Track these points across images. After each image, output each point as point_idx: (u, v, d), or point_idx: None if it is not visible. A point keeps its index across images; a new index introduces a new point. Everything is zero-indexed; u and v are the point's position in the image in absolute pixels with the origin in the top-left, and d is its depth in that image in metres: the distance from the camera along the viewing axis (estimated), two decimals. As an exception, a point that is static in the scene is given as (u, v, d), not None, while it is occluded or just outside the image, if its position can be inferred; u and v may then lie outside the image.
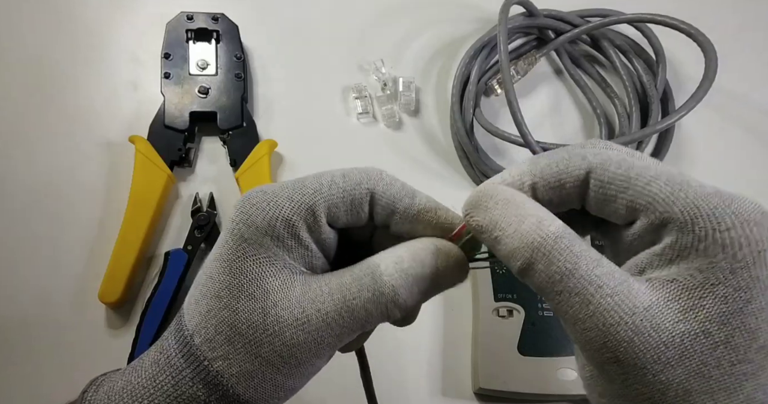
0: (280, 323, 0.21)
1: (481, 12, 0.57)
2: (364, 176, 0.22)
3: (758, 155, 0.54)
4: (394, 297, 0.21)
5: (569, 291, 0.18)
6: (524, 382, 0.40)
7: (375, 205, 0.23)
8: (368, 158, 0.50)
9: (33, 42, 0.52)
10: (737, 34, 0.58)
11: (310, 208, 0.21)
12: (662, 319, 0.18)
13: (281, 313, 0.21)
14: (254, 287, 0.21)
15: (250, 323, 0.21)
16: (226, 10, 0.50)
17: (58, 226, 0.46)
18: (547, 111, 0.54)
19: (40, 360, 0.42)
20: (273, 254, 0.21)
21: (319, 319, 0.21)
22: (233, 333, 0.21)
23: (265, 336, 0.21)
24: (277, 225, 0.21)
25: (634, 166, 0.20)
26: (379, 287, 0.21)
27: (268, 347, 0.21)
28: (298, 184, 0.22)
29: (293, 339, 0.21)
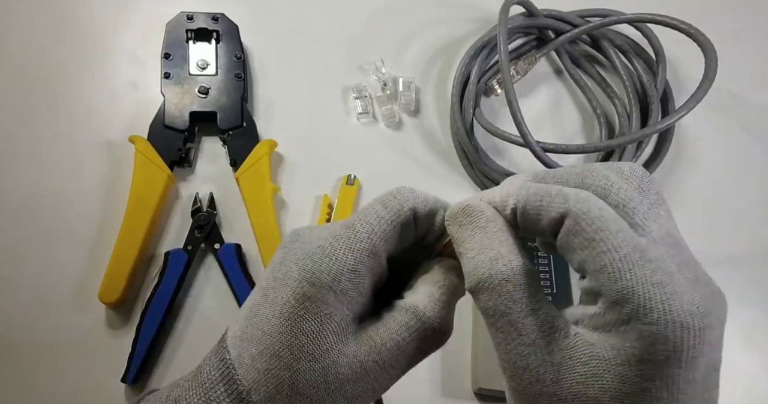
0: (341, 380, 0.21)
1: (481, 12, 0.57)
2: (402, 199, 0.23)
3: (758, 155, 0.54)
4: (446, 329, 0.23)
5: (497, 329, 0.21)
6: (524, 382, 0.40)
7: (417, 221, 0.24)
8: (368, 158, 0.50)
9: (33, 42, 0.52)
10: (737, 34, 0.58)
11: (372, 252, 0.22)
12: (564, 377, 0.19)
13: (340, 370, 0.21)
14: (314, 347, 0.21)
15: (312, 383, 0.21)
16: (226, 10, 0.50)
17: (58, 226, 0.46)
18: (547, 111, 0.54)
19: (40, 359, 0.42)
20: (334, 309, 0.22)
21: (377, 368, 0.22)
22: (293, 393, 0.21)
23: (327, 393, 0.21)
24: (342, 280, 0.22)
25: (605, 229, 0.19)
26: (427, 324, 0.23)
27: (329, 402, 0.22)
28: (350, 232, 0.22)
29: (354, 392, 0.22)
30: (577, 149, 0.46)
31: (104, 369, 0.42)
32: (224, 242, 0.45)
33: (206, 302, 0.45)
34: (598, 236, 0.19)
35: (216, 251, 0.45)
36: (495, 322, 0.21)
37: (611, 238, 0.19)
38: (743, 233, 0.50)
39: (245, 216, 0.46)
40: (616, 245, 0.19)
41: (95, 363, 0.42)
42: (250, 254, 0.46)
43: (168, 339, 0.43)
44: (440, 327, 0.23)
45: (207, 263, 0.46)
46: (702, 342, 0.18)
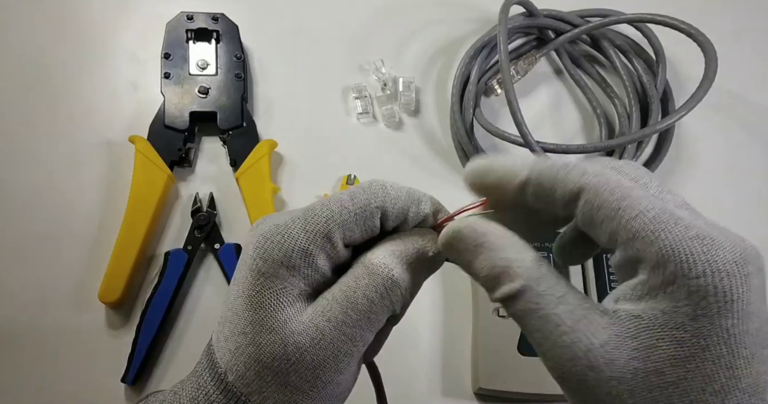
0: (300, 349, 0.21)
1: (481, 12, 0.57)
2: (371, 196, 0.23)
3: (758, 155, 0.54)
4: (388, 274, 0.22)
5: (532, 327, 0.20)
6: (524, 382, 0.40)
7: (386, 219, 0.23)
8: (368, 158, 0.50)
9: (33, 42, 0.52)
10: (737, 34, 0.58)
11: (326, 235, 0.22)
12: (617, 355, 0.18)
13: (298, 339, 0.21)
14: (273, 320, 0.22)
15: (274, 355, 0.21)
16: (226, 10, 0.50)
17: (58, 226, 0.46)
18: (547, 111, 0.54)
19: (40, 359, 0.42)
20: (289, 283, 0.22)
21: (331, 328, 0.21)
22: (261, 367, 0.21)
23: (289, 364, 0.21)
24: (293, 256, 0.22)
25: (628, 196, 0.19)
26: (372, 270, 0.22)
27: (294, 375, 0.21)
28: (309, 214, 0.23)
29: (314, 361, 0.21)
30: (577, 149, 0.46)
31: (104, 369, 0.42)
32: (224, 242, 0.45)
33: (206, 302, 0.45)
34: (624, 203, 0.19)
35: (216, 251, 0.45)
36: (529, 322, 0.20)
37: (636, 203, 0.19)
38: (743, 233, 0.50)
39: (245, 216, 0.46)
40: (643, 209, 0.19)
41: (95, 363, 0.42)
42: (250, 254, 0.46)
43: (168, 339, 0.43)
44: (393, 278, 0.22)
45: (207, 263, 0.46)
46: (749, 288, 0.18)
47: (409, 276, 0.23)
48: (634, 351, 0.18)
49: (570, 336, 0.19)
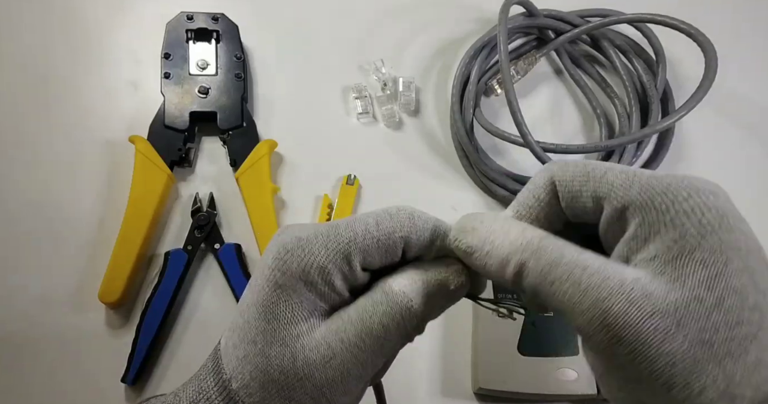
0: (309, 366, 0.21)
1: (481, 12, 0.57)
2: (397, 224, 0.23)
3: (758, 155, 0.54)
4: (407, 304, 0.22)
5: (560, 279, 0.19)
6: (524, 382, 0.40)
7: (409, 249, 0.23)
8: (368, 158, 0.50)
9: (33, 42, 0.52)
10: (737, 34, 0.58)
11: (345, 257, 0.22)
12: (652, 289, 0.18)
13: (309, 355, 0.21)
14: (285, 333, 0.22)
15: (282, 369, 0.21)
16: (226, 10, 0.50)
17: (58, 226, 0.46)
18: (547, 111, 0.54)
19: (40, 360, 0.42)
20: (305, 298, 0.22)
21: (343, 349, 0.21)
22: (267, 379, 0.21)
23: (296, 380, 0.21)
24: (311, 272, 0.22)
25: (590, 163, 0.22)
26: (392, 299, 0.22)
27: (300, 390, 0.21)
28: (333, 231, 0.22)
29: (322, 379, 0.21)
30: (577, 149, 0.46)
31: (104, 369, 0.42)
32: (224, 242, 0.45)
33: (206, 302, 0.45)
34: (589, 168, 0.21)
35: (216, 251, 0.45)
36: (555, 275, 0.19)
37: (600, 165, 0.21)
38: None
39: (245, 216, 0.46)
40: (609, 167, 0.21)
41: (95, 363, 0.42)
42: (250, 254, 0.46)
43: (168, 339, 0.43)
44: (411, 309, 0.22)
45: (207, 263, 0.46)
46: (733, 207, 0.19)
47: (428, 308, 0.22)
48: (667, 285, 0.18)
49: (601, 274, 0.18)
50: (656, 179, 0.19)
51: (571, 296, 0.19)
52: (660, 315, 0.17)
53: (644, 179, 0.20)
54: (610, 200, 0.20)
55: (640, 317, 0.17)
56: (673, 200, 0.19)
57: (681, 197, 0.19)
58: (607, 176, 0.20)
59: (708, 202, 0.18)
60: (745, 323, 0.17)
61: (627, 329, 0.17)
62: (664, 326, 0.17)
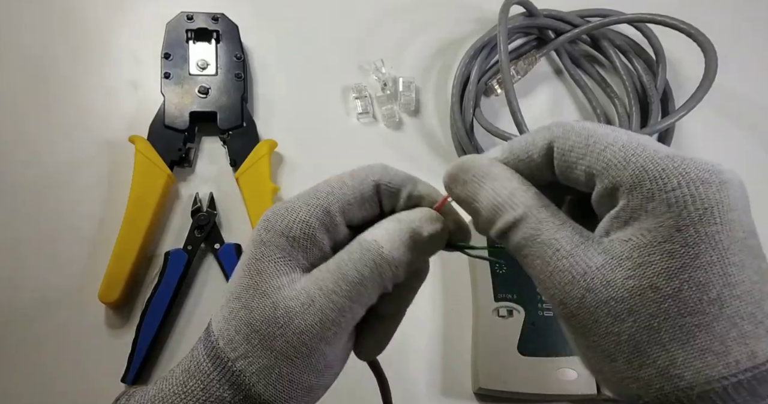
0: (289, 313, 0.22)
1: (481, 12, 0.57)
2: (369, 171, 0.24)
3: (758, 155, 0.54)
4: (379, 250, 0.22)
5: (533, 255, 0.21)
6: (524, 382, 0.40)
7: (382, 195, 0.24)
8: (368, 158, 0.50)
9: (33, 42, 0.52)
10: (737, 34, 0.58)
11: (326, 209, 0.23)
12: (613, 276, 0.19)
13: (289, 303, 0.22)
14: (267, 285, 0.22)
15: (264, 319, 0.22)
16: (226, 10, 0.50)
17: (59, 225, 0.46)
18: (547, 111, 0.54)
19: (40, 359, 0.42)
20: (288, 254, 0.23)
21: (321, 295, 0.22)
22: (250, 330, 0.22)
23: (277, 328, 0.22)
24: (293, 227, 0.23)
25: (594, 134, 0.21)
26: (364, 246, 0.22)
27: (281, 339, 0.22)
28: (312, 191, 0.24)
29: (301, 325, 0.22)
30: (577, 149, 0.46)
31: (104, 369, 0.42)
32: (224, 242, 0.45)
33: (206, 302, 0.45)
34: (591, 140, 0.20)
35: (216, 251, 0.45)
36: (529, 250, 0.21)
37: (603, 138, 0.20)
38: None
39: (245, 216, 0.46)
40: (611, 141, 0.20)
41: (95, 363, 0.42)
42: (250, 254, 0.46)
43: (168, 339, 0.43)
44: (383, 255, 0.22)
45: (207, 263, 0.46)
46: (727, 195, 0.18)
47: (400, 254, 0.23)
48: (629, 271, 0.19)
49: (568, 259, 0.20)
50: (653, 163, 0.19)
51: (539, 272, 0.21)
52: (614, 302, 0.19)
53: (641, 161, 0.19)
54: (602, 179, 0.20)
55: (596, 303, 0.19)
56: (661, 188, 0.19)
57: (669, 186, 0.18)
58: (605, 153, 0.20)
59: (695, 193, 0.18)
60: (699, 313, 0.18)
61: (581, 310, 0.19)
62: (616, 311, 0.19)
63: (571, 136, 0.21)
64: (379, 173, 0.24)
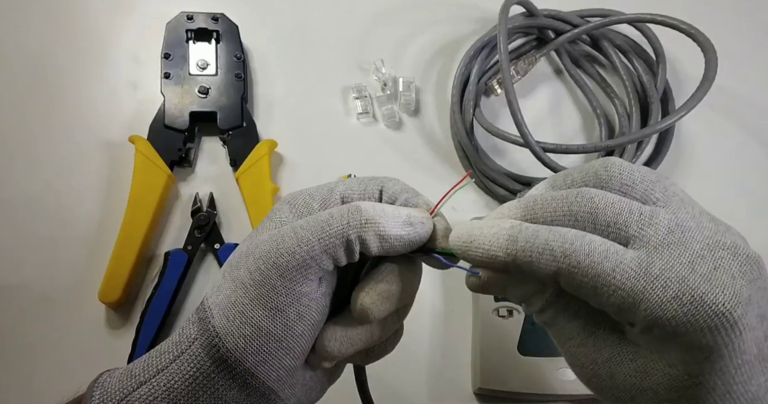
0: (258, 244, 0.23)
1: (481, 12, 0.57)
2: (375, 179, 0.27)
3: (758, 155, 0.54)
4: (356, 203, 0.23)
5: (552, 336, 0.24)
6: (524, 382, 0.40)
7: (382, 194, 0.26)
8: (368, 158, 0.50)
9: (33, 42, 0.52)
10: (737, 34, 0.58)
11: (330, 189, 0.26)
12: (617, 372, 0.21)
13: (262, 237, 0.24)
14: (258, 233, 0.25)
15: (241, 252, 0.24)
16: (226, 10, 0.50)
17: (58, 226, 0.46)
18: (547, 111, 0.54)
19: (41, 359, 0.42)
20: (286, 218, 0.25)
21: (288, 229, 0.23)
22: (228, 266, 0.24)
23: (244, 258, 0.23)
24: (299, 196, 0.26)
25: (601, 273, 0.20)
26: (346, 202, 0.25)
27: (243, 267, 0.23)
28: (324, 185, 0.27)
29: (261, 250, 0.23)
30: (577, 149, 0.46)
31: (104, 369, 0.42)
32: (224, 242, 0.45)
33: (206, 302, 0.45)
34: (599, 282, 0.20)
35: (216, 251, 0.45)
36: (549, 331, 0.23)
37: (611, 279, 0.20)
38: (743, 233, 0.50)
39: (245, 216, 0.46)
40: (618, 284, 0.19)
41: (95, 363, 0.42)
42: (250, 254, 0.46)
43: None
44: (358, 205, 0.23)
45: (207, 263, 0.46)
46: (741, 329, 0.18)
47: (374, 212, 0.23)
48: (632, 372, 0.21)
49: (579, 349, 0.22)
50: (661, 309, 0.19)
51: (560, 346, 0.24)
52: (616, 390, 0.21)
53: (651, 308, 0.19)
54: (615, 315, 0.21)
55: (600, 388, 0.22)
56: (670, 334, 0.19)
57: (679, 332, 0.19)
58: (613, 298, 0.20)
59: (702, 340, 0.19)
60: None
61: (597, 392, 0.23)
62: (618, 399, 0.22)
63: (577, 276, 0.20)
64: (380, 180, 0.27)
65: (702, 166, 0.53)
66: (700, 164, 0.53)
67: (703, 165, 0.53)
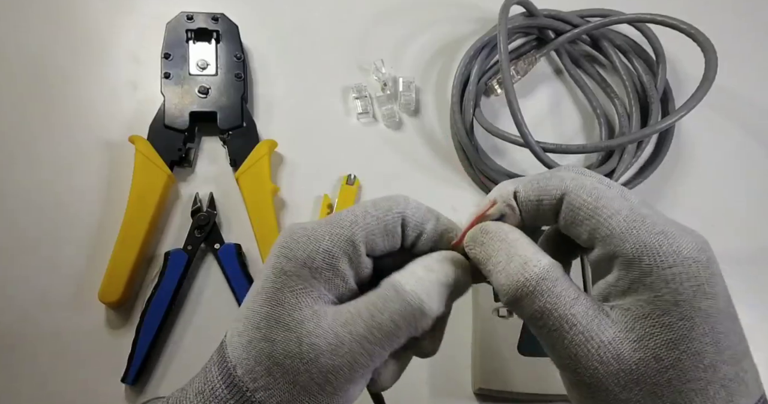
0: (315, 350, 0.21)
1: (481, 12, 0.57)
2: (393, 203, 0.24)
3: (758, 155, 0.54)
4: (419, 304, 0.22)
5: (548, 327, 0.21)
6: (524, 382, 0.40)
7: (406, 227, 0.24)
8: (368, 158, 0.50)
9: (33, 42, 0.52)
10: (737, 34, 0.58)
11: (349, 239, 0.23)
12: (622, 350, 0.20)
13: (315, 341, 0.22)
14: (290, 318, 0.22)
15: (287, 353, 0.22)
16: (226, 10, 0.50)
17: (58, 226, 0.46)
18: (547, 111, 0.54)
19: (40, 360, 0.42)
20: (310, 285, 0.23)
21: (352, 341, 0.21)
22: (272, 363, 0.22)
23: (302, 364, 0.21)
24: (316, 258, 0.22)
25: (604, 196, 0.22)
26: (403, 297, 0.22)
27: (305, 375, 0.21)
28: (335, 219, 0.24)
29: (328, 365, 0.21)
30: (577, 149, 0.46)
31: (104, 369, 0.42)
32: (224, 242, 0.45)
33: (206, 302, 0.45)
34: (600, 203, 0.22)
35: (216, 251, 0.45)
36: (544, 323, 0.21)
37: (611, 203, 0.22)
38: (743, 234, 0.50)
39: (245, 216, 0.46)
40: (617, 209, 0.21)
41: (95, 363, 0.42)
42: (250, 254, 0.46)
43: (168, 339, 0.43)
44: (418, 305, 0.22)
45: (207, 263, 0.46)
46: (713, 272, 0.20)
47: (438, 307, 0.23)
48: (634, 343, 0.20)
49: (584, 334, 0.21)
50: (650, 238, 0.21)
51: (554, 343, 0.21)
52: (623, 373, 0.20)
53: (641, 235, 0.21)
54: (603, 244, 0.22)
55: (607, 374, 0.20)
56: (658, 264, 0.20)
57: (666, 263, 0.20)
58: (611, 220, 0.21)
59: (690, 271, 0.20)
60: (695, 380, 0.20)
61: (594, 380, 0.21)
62: (624, 381, 0.20)
63: (582, 193, 0.22)
64: (402, 205, 0.24)
65: (702, 166, 0.53)
66: (700, 164, 0.53)
67: (703, 165, 0.53)
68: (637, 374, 0.20)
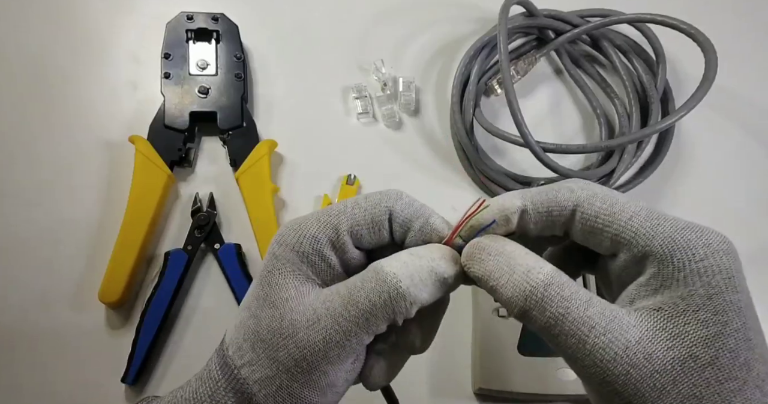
0: (294, 326, 0.22)
1: (481, 12, 0.57)
2: (383, 197, 0.24)
3: (758, 155, 0.54)
4: (397, 284, 0.22)
5: (565, 334, 0.20)
6: (524, 382, 0.40)
7: (393, 223, 0.24)
8: (368, 158, 0.50)
9: (33, 42, 0.52)
10: (737, 34, 0.58)
11: (335, 227, 0.24)
12: (653, 349, 0.19)
13: (295, 317, 0.22)
14: (276, 296, 0.23)
15: (270, 329, 0.22)
16: (226, 10, 0.50)
17: (58, 226, 0.46)
18: (547, 111, 0.54)
19: (41, 360, 0.42)
20: (297, 268, 0.23)
21: (328, 316, 0.22)
22: (256, 339, 0.22)
23: (281, 339, 0.22)
24: (303, 242, 0.23)
25: (618, 201, 0.22)
26: (383, 278, 0.22)
27: (284, 350, 0.22)
28: (327, 209, 0.24)
29: (304, 340, 0.22)
30: (577, 149, 0.46)
31: (104, 369, 0.42)
32: (224, 242, 0.45)
33: (206, 302, 0.45)
34: (616, 208, 0.22)
35: (216, 251, 0.45)
36: (560, 330, 0.20)
37: (626, 207, 0.22)
38: (743, 234, 0.50)
39: (245, 216, 0.46)
40: (635, 210, 0.21)
41: (95, 363, 0.42)
42: (250, 254, 0.46)
43: (168, 339, 0.43)
44: (395, 284, 0.21)
45: (207, 263, 0.46)
46: (739, 267, 0.20)
47: (417, 291, 0.22)
48: (667, 342, 0.19)
49: (607, 336, 0.19)
50: (678, 233, 0.20)
51: (574, 351, 0.20)
52: (658, 374, 0.19)
53: (668, 231, 0.21)
54: (630, 248, 0.21)
55: (640, 377, 0.19)
56: (690, 258, 0.20)
57: (698, 256, 0.20)
58: (632, 222, 0.21)
59: (720, 263, 0.20)
60: (733, 379, 0.19)
61: (626, 387, 0.19)
62: (661, 384, 0.19)
63: (596, 202, 0.22)
64: (393, 199, 0.24)
65: (702, 166, 0.53)
66: (700, 164, 0.53)
67: (703, 165, 0.53)
68: (674, 374, 0.19)
